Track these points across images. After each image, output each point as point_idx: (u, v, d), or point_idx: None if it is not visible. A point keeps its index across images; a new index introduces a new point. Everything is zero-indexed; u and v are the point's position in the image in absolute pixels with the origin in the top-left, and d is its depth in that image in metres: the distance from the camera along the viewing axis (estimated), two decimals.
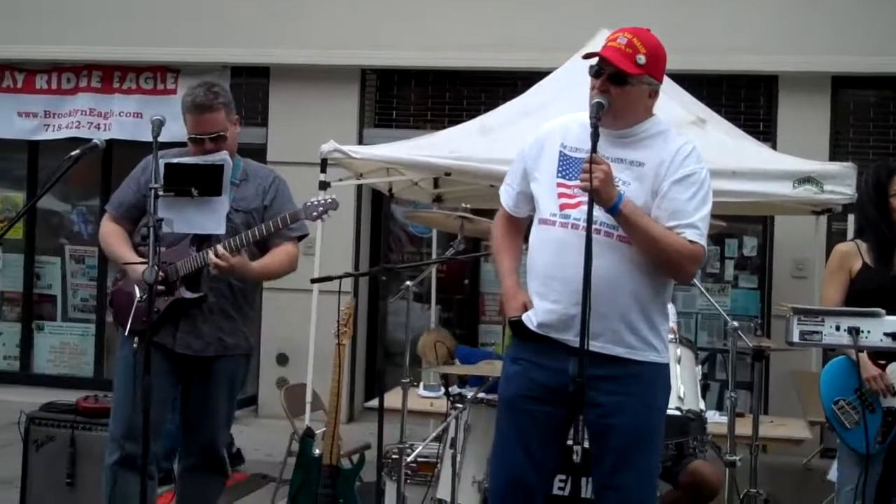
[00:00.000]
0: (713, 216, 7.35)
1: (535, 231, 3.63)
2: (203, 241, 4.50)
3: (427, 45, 9.65)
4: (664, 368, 3.60)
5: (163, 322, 4.50)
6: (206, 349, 4.62)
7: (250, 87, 10.43)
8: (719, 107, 8.47)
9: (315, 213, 4.64)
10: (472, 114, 8.65)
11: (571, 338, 3.34)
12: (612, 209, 3.37)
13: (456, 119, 9.32)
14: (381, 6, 9.81)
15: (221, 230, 4.39)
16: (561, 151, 3.62)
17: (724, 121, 7.81)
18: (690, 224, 3.45)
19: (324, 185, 7.03)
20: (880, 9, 9.02)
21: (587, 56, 3.60)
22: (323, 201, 4.65)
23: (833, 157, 8.76)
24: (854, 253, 4.84)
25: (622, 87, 3.50)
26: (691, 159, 3.52)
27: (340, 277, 5.05)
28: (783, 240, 9.27)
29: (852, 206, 6.58)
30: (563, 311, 3.46)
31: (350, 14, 9.85)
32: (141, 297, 4.45)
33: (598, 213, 3.38)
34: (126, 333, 4.46)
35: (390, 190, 8.48)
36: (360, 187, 9.45)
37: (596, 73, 3.54)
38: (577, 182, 3.43)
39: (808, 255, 8.38)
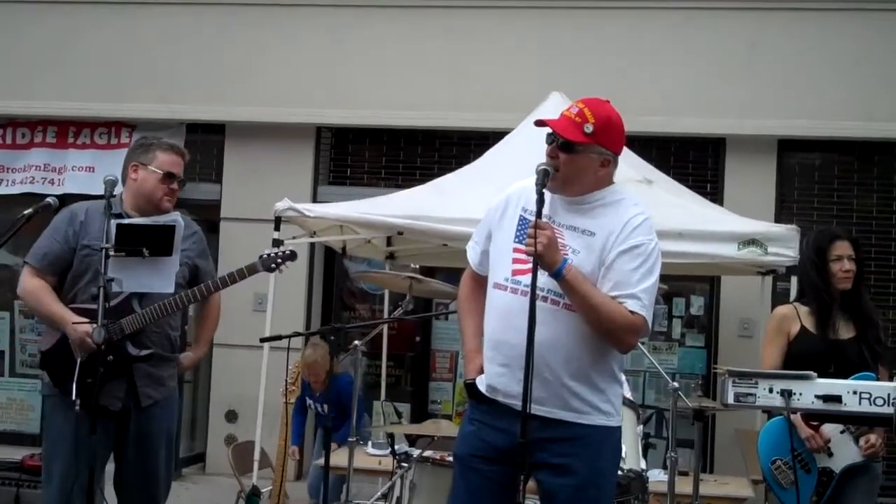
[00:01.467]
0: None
1: (489, 294, 3.69)
2: (144, 296, 4.49)
3: (382, 104, 9.74)
4: (614, 431, 3.65)
5: (105, 381, 4.42)
6: (145, 401, 4.61)
7: (205, 143, 10.45)
8: (667, 168, 8.64)
9: (273, 266, 4.72)
10: (426, 172, 8.76)
11: (518, 403, 3.38)
12: (556, 274, 3.44)
13: (409, 177, 9.47)
14: (337, 65, 9.91)
15: (170, 290, 4.43)
16: (521, 215, 3.67)
17: (672, 181, 7.95)
18: (632, 295, 3.49)
19: (277, 243, 7.05)
20: (827, 73, 9.23)
21: (537, 123, 3.69)
22: (281, 252, 4.72)
23: (778, 218, 8.91)
24: (793, 316, 4.96)
25: (570, 154, 3.57)
26: (640, 230, 3.57)
27: (290, 336, 5.11)
28: (729, 299, 9.39)
29: (795, 267, 6.71)
30: (510, 376, 3.52)
31: (306, 72, 9.94)
32: (82, 357, 4.41)
33: (547, 281, 3.45)
34: (74, 397, 4.32)
35: (343, 247, 8.53)
36: (312, 245, 9.49)
37: (548, 140, 3.63)
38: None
39: (754, 315, 8.52)
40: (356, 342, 5.40)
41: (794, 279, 7.57)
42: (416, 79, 9.74)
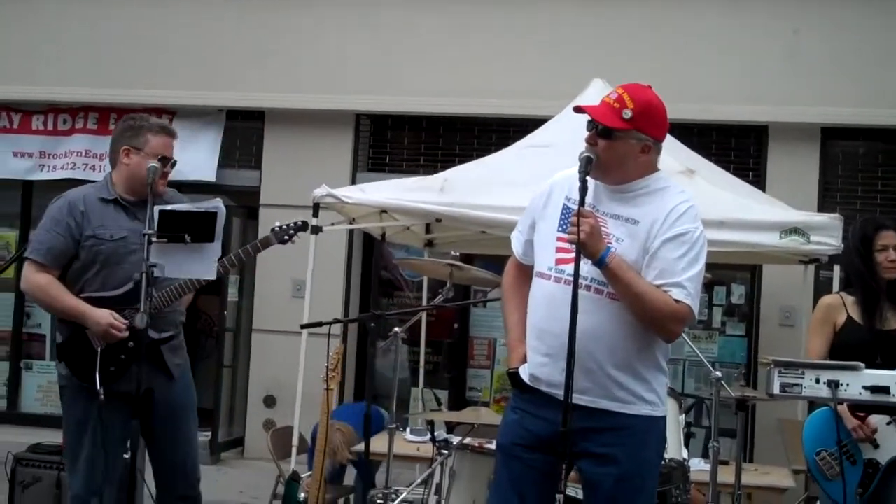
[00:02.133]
0: None
1: (533, 284, 3.67)
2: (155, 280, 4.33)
3: (421, 91, 9.74)
4: (658, 421, 3.62)
5: (125, 367, 4.45)
6: (177, 369, 4.65)
7: (245, 130, 10.52)
8: (709, 155, 8.54)
9: (286, 237, 4.73)
10: (465, 159, 8.73)
11: (561, 392, 3.35)
12: (599, 262, 3.41)
13: (448, 165, 9.39)
14: (376, 52, 9.91)
15: (212, 276, 4.43)
16: (565, 204, 3.63)
17: (714, 167, 7.87)
18: (677, 283, 3.44)
19: (315, 230, 7.06)
20: (869, 61, 9.13)
21: (576, 109, 3.67)
22: (293, 224, 4.75)
23: (822, 207, 8.83)
24: (839, 306, 4.90)
25: (608, 140, 3.53)
26: (685, 218, 3.51)
27: (330, 323, 5.10)
28: (771, 288, 9.32)
29: (838, 256, 6.65)
30: (552, 366, 3.50)
31: (345, 59, 9.95)
32: (102, 346, 4.43)
33: (590, 270, 3.43)
34: (99, 387, 4.34)
35: (383, 234, 8.52)
36: (351, 231, 9.51)
37: (588, 127, 3.59)
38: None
39: (796, 304, 8.43)
40: (396, 329, 5.38)
41: (836, 268, 7.52)
42: (456, 66, 9.72)
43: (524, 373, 3.65)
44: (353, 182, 9.94)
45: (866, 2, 9.22)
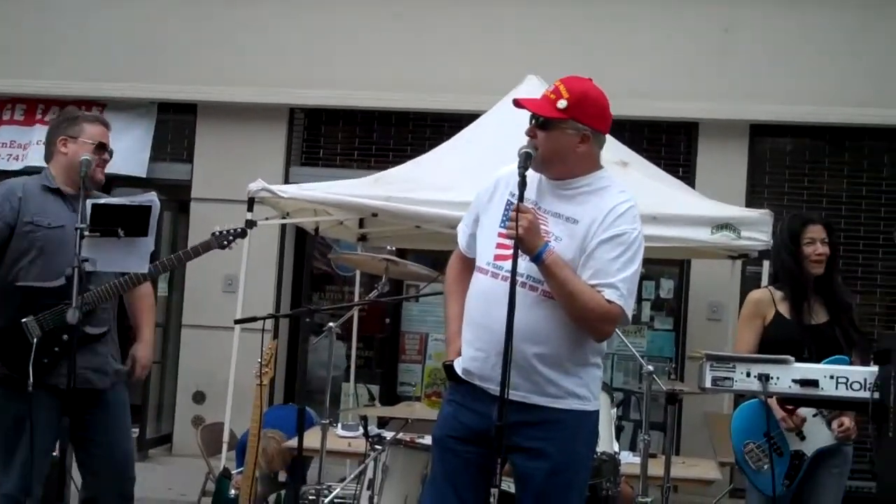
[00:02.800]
0: None
1: (472, 278, 3.68)
2: (92, 275, 4.34)
3: (356, 85, 9.69)
4: (590, 416, 3.64)
5: (58, 361, 4.39)
6: (104, 380, 4.59)
7: (177, 123, 10.41)
8: (640, 151, 8.60)
9: (225, 243, 4.82)
10: (399, 154, 8.74)
11: (493, 386, 3.39)
12: (536, 258, 3.43)
13: (383, 159, 9.43)
14: (311, 45, 9.85)
15: (144, 269, 4.40)
16: (508, 200, 3.63)
17: (647, 162, 7.95)
18: (611, 284, 3.45)
19: (250, 224, 7.01)
20: (799, 59, 9.27)
21: (516, 103, 3.66)
22: (233, 230, 4.83)
23: (749, 203, 8.93)
24: (768, 301, 4.97)
25: (546, 131, 3.56)
26: (624, 219, 3.52)
27: (265, 318, 5.09)
28: (699, 283, 9.42)
29: (767, 252, 6.75)
30: (485, 360, 3.53)
31: (279, 52, 9.88)
32: (38, 338, 4.37)
33: (527, 267, 3.45)
34: (31, 378, 4.26)
35: (316, 229, 8.49)
36: (283, 226, 9.47)
37: (530, 118, 3.62)
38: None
39: (723, 299, 8.57)
40: (330, 324, 5.38)
41: (765, 263, 7.63)
42: (391, 60, 9.69)
43: (458, 366, 3.66)
44: (287, 176, 9.92)
45: (797, 1, 9.35)
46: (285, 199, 7.30)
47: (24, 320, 4.41)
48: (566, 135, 3.58)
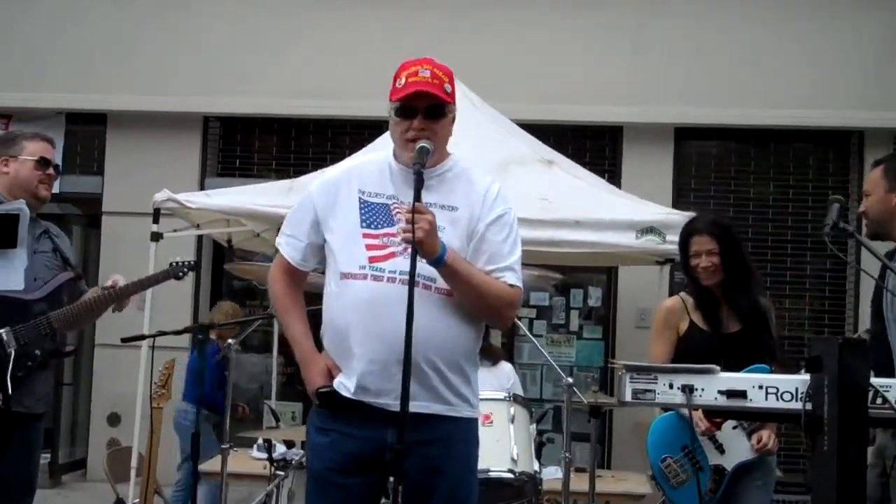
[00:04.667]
0: (557, 269, 7.32)
1: (338, 287, 3.34)
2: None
3: (272, 93, 9.46)
4: (475, 422, 3.44)
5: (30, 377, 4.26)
6: (37, 406, 4.38)
7: (86, 134, 10.08)
8: (566, 156, 8.46)
9: (180, 274, 4.88)
10: (318, 162, 8.49)
11: (391, 401, 3.12)
12: (437, 261, 3.18)
13: (301, 168, 9.16)
14: (225, 52, 9.58)
15: (19, 286, 4.08)
16: (360, 199, 3.39)
17: (571, 162, 7.81)
18: (508, 267, 3.32)
19: (156, 237, 6.73)
20: (722, 61, 9.21)
21: (415, 95, 3.32)
22: (186, 262, 4.90)
23: (676, 206, 8.80)
24: (680, 310, 4.70)
25: (440, 120, 3.34)
26: (501, 199, 3.40)
27: (154, 336, 4.82)
28: (626, 290, 9.31)
29: None
30: (382, 372, 3.22)
31: (192, 59, 9.59)
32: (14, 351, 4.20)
33: (417, 264, 3.14)
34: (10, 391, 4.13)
35: (229, 240, 8.19)
36: (200, 238, 9.16)
37: (406, 112, 3.34)
38: (387, 231, 3.26)
39: (651, 306, 8.35)
40: (230, 340, 5.10)
41: None
42: (308, 66, 9.47)
43: (342, 387, 3.31)
44: (202, 187, 9.59)
45: (721, 4, 9.28)
46: (195, 210, 6.99)
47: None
48: (449, 120, 3.40)
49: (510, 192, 3.52)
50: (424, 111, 3.31)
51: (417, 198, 3.13)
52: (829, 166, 9.64)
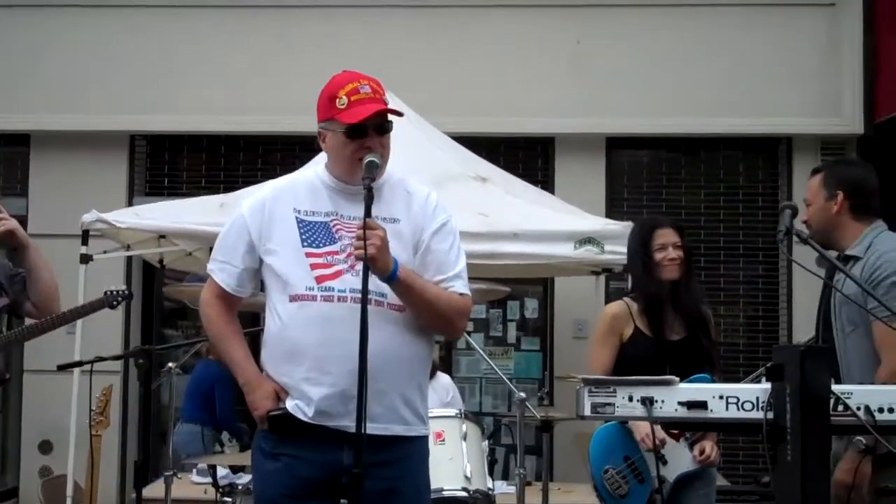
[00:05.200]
0: (496, 281, 7.27)
1: (287, 308, 3.25)
2: None
3: (200, 109, 9.30)
4: (427, 440, 3.40)
5: None
6: None
7: (9, 155, 9.81)
8: (499, 167, 8.44)
9: (115, 303, 4.91)
10: (250, 180, 8.36)
11: (350, 423, 3.03)
12: (390, 277, 3.12)
13: (232, 186, 8.99)
14: (150, 69, 9.38)
15: None
16: (297, 217, 3.32)
17: (507, 174, 7.81)
18: (456, 275, 3.30)
19: (85, 259, 6.58)
20: (652, 70, 9.23)
21: (380, 112, 3.29)
22: (120, 291, 4.93)
23: (609, 216, 8.81)
24: (625, 315, 4.65)
25: (386, 136, 3.32)
26: (441, 208, 3.39)
27: (91, 362, 4.69)
28: (563, 301, 9.29)
29: None
30: (341, 394, 3.14)
31: (117, 77, 9.38)
32: None
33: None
34: None
35: (161, 261, 8.03)
36: (129, 259, 8.97)
37: (358, 131, 3.27)
38: (329, 249, 3.21)
39: (588, 316, 8.39)
40: (170, 364, 4.97)
41: (629, 277, 7.50)
42: (238, 82, 9.32)
43: (297, 410, 3.22)
44: (130, 206, 9.39)
45: (647, 12, 9.31)
46: (125, 230, 6.84)
47: None
48: (390, 134, 3.36)
49: (448, 207, 3.48)
50: (375, 128, 3.26)
51: (368, 213, 3.07)
52: (758, 173, 9.72)
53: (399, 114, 3.29)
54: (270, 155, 9.59)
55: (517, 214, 6.85)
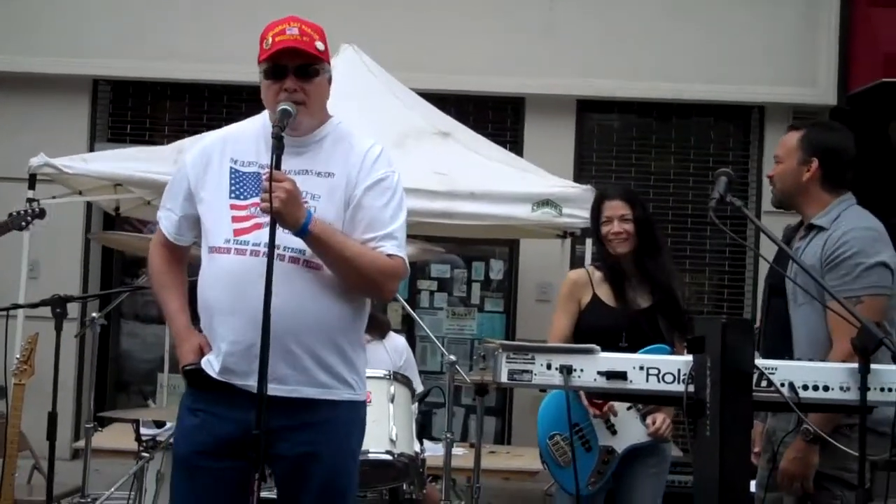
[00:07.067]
0: (448, 240, 7.16)
1: (206, 261, 3.17)
2: None
3: (166, 55, 9.15)
4: (360, 406, 3.25)
5: None
6: None
7: None
8: (468, 126, 8.31)
9: (23, 224, 4.83)
10: (213, 128, 8.17)
11: (255, 383, 2.91)
12: (301, 231, 2.99)
13: (195, 135, 8.83)
14: (116, 11, 9.21)
15: None
16: (231, 167, 3.19)
17: (469, 131, 7.67)
18: (388, 234, 3.12)
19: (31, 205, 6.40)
20: (625, 35, 9.13)
21: (279, 54, 3.12)
22: (30, 210, 4.82)
23: (577, 180, 8.71)
24: (584, 283, 4.54)
25: (313, 79, 3.14)
26: (382, 162, 3.19)
27: (8, 308, 4.54)
28: (528, 263, 9.22)
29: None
30: (245, 353, 3.02)
31: (81, 18, 9.22)
32: None
33: (282, 236, 2.98)
34: None
35: (117, 209, 7.89)
36: (88, 204, 8.83)
37: (276, 72, 3.13)
38: (254, 201, 3.05)
39: (552, 280, 8.29)
40: (93, 314, 4.83)
41: (588, 242, 7.40)
42: (204, 29, 9.17)
43: (208, 366, 3.14)
44: (92, 152, 9.22)
45: None
46: (73, 176, 6.69)
47: None
48: (325, 80, 3.20)
49: (405, 165, 3.35)
50: (295, 70, 3.10)
51: (277, 165, 2.94)
52: (729, 140, 9.64)
53: (317, 56, 3.12)
54: (235, 104, 9.41)
55: (477, 173, 6.72)
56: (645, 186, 9.24)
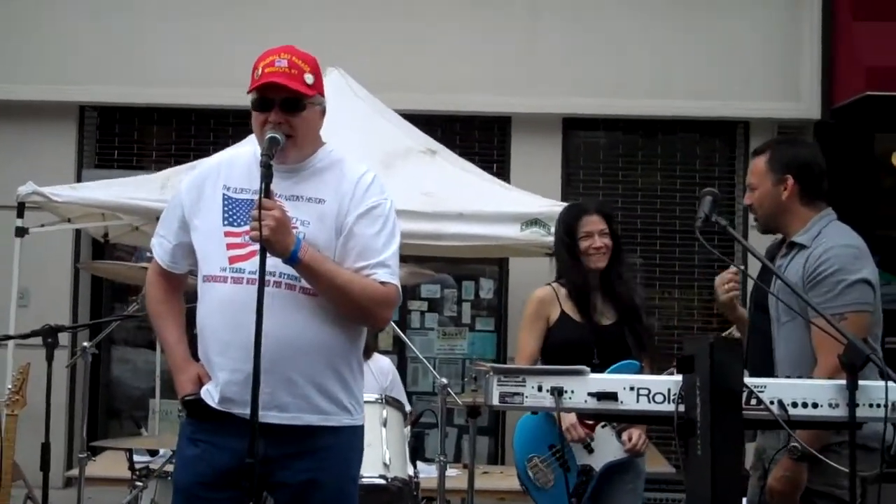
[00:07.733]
0: (438, 260, 7.18)
1: (203, 290, 3.19)
2: None
3: (152, 81, 9.14)
4: (359, 431, 3.28)
5: None
6: None
7: None
8: (453, 148, 8.34)
9: None
10: (201, 154, 8.20)
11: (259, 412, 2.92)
12: (291, 259, 3.00)
13: (183, 160, 8.85)
14: (102, 38, 9.21)
15: None
16: (225, 195, 3.21)
17: (454, 155, 7.68)
18: (381, 262, 3.14)
19: (21, 232, 6.44)
20: (609, 51, 9.16)
21: (265, 87, 3.16)
22: None
23: (565, 197, 8.75)
24: (551, 300, 4.57)
25: (299, 113, 3.16)
26: (374, 189, 3.21)
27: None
28: (518, 282, 9.21)
29: None
30: (244, 382, 3.01)
31: (67, 47, 9.21)
32: None
33: (278, 262, 3.00)
34: None
35: (105, 235, 7.89)
36: (77, 232, 8.82)
37: (262, 105, 3.17)
38: (248, 229, 3.06)
39: None
40: (84, 343, 4.84)
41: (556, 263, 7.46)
42: (190, 53, 9.17)
43: (208, 396, 3.15)
44: (79, 180, 9.24)
45: None
46: (62, 204, 6.71)
47: None
48: (315, 112, 3.23)
49: (393, 186, 3.36)
50: (280, 104, 3.13)
51: (266, 192, 2.96)
52: (715, 156, 9.66)
53: (302, 92, 3.15)
54: (222, 129, 9.43)
55: (465, 193, 6.75)
56: (632, 203, 9.28)
